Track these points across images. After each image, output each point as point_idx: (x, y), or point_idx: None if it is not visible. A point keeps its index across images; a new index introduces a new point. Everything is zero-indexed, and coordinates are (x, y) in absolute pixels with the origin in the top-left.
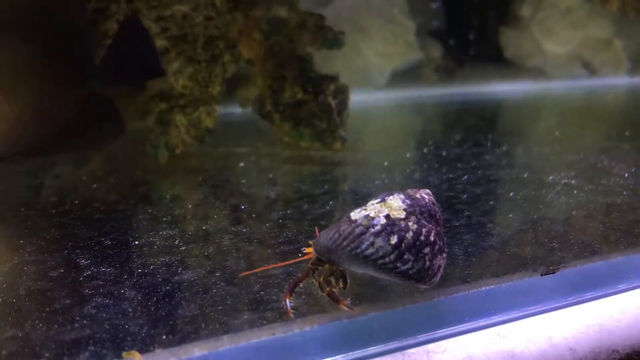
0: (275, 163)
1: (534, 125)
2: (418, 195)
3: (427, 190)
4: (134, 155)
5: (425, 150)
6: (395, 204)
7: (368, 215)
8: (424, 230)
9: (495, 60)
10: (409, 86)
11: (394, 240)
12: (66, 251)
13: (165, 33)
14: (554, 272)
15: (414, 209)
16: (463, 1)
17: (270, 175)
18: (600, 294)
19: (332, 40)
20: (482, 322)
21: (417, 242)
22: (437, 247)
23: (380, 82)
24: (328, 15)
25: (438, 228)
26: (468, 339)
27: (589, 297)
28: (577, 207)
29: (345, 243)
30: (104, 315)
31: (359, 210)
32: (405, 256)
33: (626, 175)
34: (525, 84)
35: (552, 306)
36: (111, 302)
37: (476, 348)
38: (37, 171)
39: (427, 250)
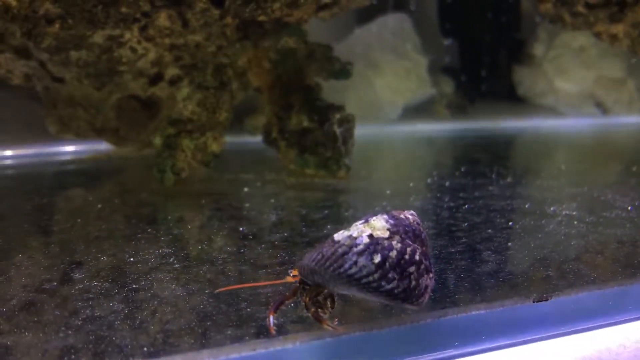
0: (278, 189)
1: (542, 160)
2: (402, 216)
3: (412, 211)
4: (142, 179)
5: (429, 180)
6: (379, 224)
7: (351, 235)
8: (408, 249)
9: (508, 98)
10: (420, 121)
11: (377, 258)
12: (62, 265)
13: (179, 62)
14: (546, 300)
15: (398, 229)
16: (476, 39)
17: (272, 200)
18: (596, 324)
19: (340, 70)
20: (470, 348)
21: (402, 261)
22: (422, 266)
23: (392, 116)
24: (342, 50)
25: (424, 248)
26: None
27: (584, 327)
28: (576, 238)
29: (328, 263)
30: (90, 326)
31: (342, 231)
32: (390, 275)
33: (629, 208)
34: (537, 121)
35: (545, 335)
36: (100, 314)
37: None
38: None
39: (412, 269)
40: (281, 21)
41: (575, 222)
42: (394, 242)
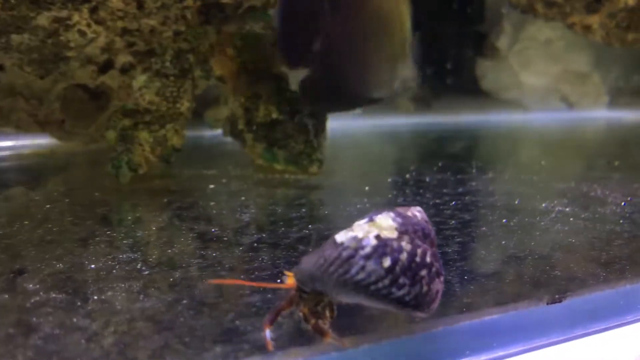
0: (246, 186)
1: (516, 154)
2: (409, 213)
3: (419, 208)
4: (92, 176)
5: (407, 176)
6: (385, 223)
7: (356, 236)
8: (419, 250)
9: (472, 92)
10: (384, 115)
11: (387, 262)
12: (11, 275)
13: (131, 48)
14: (560, 301)
15: (407, 228)
16: (438, 31)
17: (243, 198)
18: (609, 325)
19: None
20: (484, 356)
21: (413, 264)
22: (434, 269)
23: (355, 110)
24: None
25: (433, 249)
26: None
27: (598, 328)
28: (576, 235)
29: (332, 269)
30: (53, 347)
31: (344, 232)
32: (401, 280)
33: (622, 204)
34: (502, 115)
35: (560, 338)
36: (61, 332)
37: None
38: None
39: (423, 273)
40: (245, 5)
41: (571, 219)
42: (403, 243)
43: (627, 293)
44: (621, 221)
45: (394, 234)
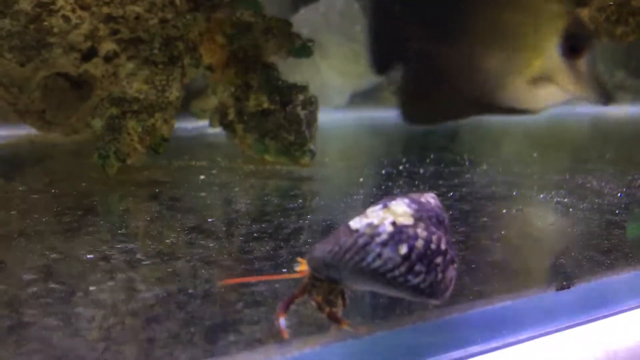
0: (237, 177)
1: (507, 147)
2: (423, 199)
3: (432, 194)
4: (77, 167)
5: (400, 167)
6: (400, 210)
7: (371, 223)
8: (434, 237)
9: None
10: (368, 107)
11: (403, 249)
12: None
13: (115, 36)
14: (569, 287)
15: (422, 214)
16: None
17: (236, 189)
18: (615, 310)
19: (301, 48)
20: (495, 343)
21: (429, 252)
22: (448, 256)
23: (339, 102)
24: None
25: (447, 235)
26: None
27: (604, 313)
28: (577, 224)
29: (348, 256)
30: (55, 338)
31: (359, 218)
32: (417, 267)
33: (619, 194)
34: None
35: (568, 324)
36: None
37: None
38: None
39: (439, 260)
40: None
41: (571, 210)
42: (419, 230)
43: (630, 279)
44: (617, 211)
45: (409, 221)
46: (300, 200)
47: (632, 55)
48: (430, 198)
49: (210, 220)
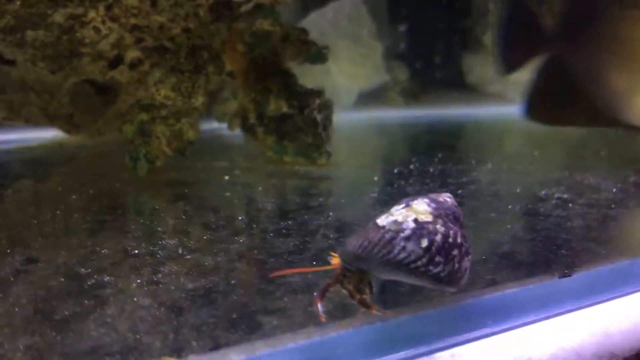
0: (259, 177)
1: (508, 146)
2: (441, 199)
3: (448, 194)
4: (107, 167)
5: (411, 166)
6: (421, 208)
7: (396, 220)
8: (451, 232)
9: (459, 85)
10: (375, 107)
11: (424, 243)
12: (60, 260)
13: (140, 44)
14: (570, 275)
15: (440, 212)
16: (429, 25)
17: (260, 189)
18: (610, 296)
19: (316, 54)
20: (506, 325)
21: (446, 245)
22: (463, 249)
23: (347, 103)
24: None
25: (462, 230)
26: (488, 343)
27: (600, 299)
28: (576, 218)
29: (376, 250)
30: (118, 324)
31: (385, 216)
32: (437, 259)
33: (614, 190)
34: (488, 108)
35: (568, 309)
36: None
37: (497, 351)
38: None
39: (455, 252)
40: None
41: (570, 205)
42: (437, 226)
43: (625, 268)
44: (613, 206)
45: (429, 218)
46: (321, 199)
47: None
48: (447, 197)
49: (239, 218)
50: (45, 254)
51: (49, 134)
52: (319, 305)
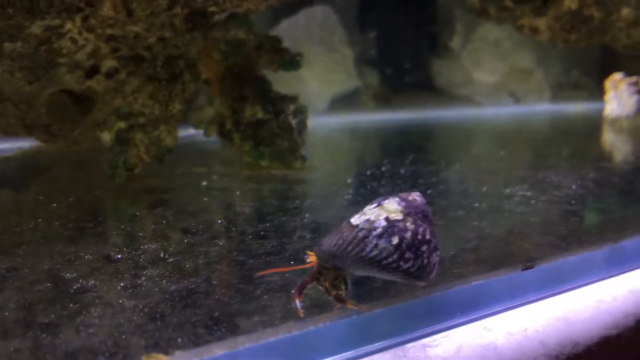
0: (237, 182)
1: (476, 147)
2: (411, 198)
3: (418, 193)
4: (85, 175)
5: (383, 168)
6: (392, 207)
7: (369, 219)
8: (420, 229)
9: (428, 89)
10: (347, 112)
11: (395, 240)
12: (47, 267)
13: (116, 53)
14: (532, 267)
15: (410, 210)
16: (398, 32)
17: (237, 193)
18: (570, 286)
19: (290, 62)
20: (473, 315)
21: (416, 241)
22: (432, 244)
23: (321, 108)
24: None
25: (431, 227)
26: (457, 333)
27: (561, 290)
28: (538, 214)
29: (350, 248)
30: (107, 324)
31: (358, 215)
32: (407, 255)
33: (574, 187)
34: (456, 110)
35: (531, 299)
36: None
37: (465, 341)
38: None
39: (424, 248)
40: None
41: (533, 202)
42: (407, 224)
43: (584, 259)
44: (573, 202)
45: (400, 216)
46: (298, 201)
47: (585, 57)
48: (417, 196)
49: (219, 222)
50: (29, 261)
51: (27, 144)
52: (297, 302)
